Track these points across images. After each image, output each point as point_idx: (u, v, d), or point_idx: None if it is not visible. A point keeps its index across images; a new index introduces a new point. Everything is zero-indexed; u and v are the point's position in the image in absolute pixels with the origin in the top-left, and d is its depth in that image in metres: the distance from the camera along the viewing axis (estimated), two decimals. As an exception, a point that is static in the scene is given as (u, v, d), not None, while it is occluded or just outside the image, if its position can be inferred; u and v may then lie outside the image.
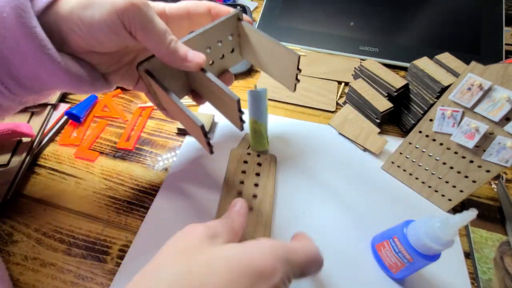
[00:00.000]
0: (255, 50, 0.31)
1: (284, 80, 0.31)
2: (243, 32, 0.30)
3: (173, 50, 0.24)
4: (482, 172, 0.32)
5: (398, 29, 0.58)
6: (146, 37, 0.24)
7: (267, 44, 0.28)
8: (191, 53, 0.25)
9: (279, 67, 0.30)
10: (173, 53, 0.25)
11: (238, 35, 0.31)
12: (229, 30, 0.29)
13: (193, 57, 0.25)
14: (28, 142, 0.39)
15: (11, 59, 0.23)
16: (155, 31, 0.24)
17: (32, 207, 0.36)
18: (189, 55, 0.25)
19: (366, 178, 0.40)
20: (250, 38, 0.30)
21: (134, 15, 0.23)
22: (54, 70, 0.24)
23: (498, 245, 0.34)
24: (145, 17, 0.23)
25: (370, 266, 0.32)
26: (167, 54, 0.25)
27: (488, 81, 0.28)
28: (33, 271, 0.31)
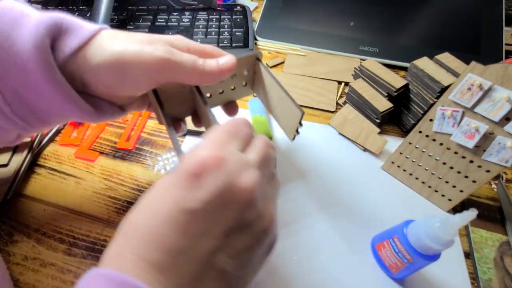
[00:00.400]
0: (266, 91, 0.32)
1: (285, 128, 0.33)
2: (258, 71, 0.31)
3: (205, 71, 0.25)
4: (482, 172, 0.32)
5: (398, 29, 0.58)
6: (181, 78, 0.25)
7: (277, 91, 0.30)
8: (221, 62, 0.26)
9: (283, 114, 0.31)
10: (209, 73, 0.25)
11: (253, 72, 0.32)
12: (246, 66, 0.31)
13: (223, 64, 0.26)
14: (28, 142, 0.39)
15: (35, 105, 0.23)
16: (187, 69, 0.24)
17: (32, 207, 0.36)
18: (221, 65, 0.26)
19: (366, 178, 0.40)
20: (264, 79, 0.31)
21: (166, 70, 0.24)
22: (78, 113, 0.24)
23: (498, 245, 0.34)
24: (176, 65, 0.24)
25: (370, 266, 0.32)
26: (204, 77, 0.25)
27: (488, 81, 0.28)
28: (33, 271, 0.31)
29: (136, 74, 0.23)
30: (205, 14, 0.60)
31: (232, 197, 0.18)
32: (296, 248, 0.33)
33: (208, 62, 0.25)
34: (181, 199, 0.17)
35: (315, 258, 0.33)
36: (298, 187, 0.39)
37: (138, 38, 0.24)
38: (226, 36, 0.56)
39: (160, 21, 0.58)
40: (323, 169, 0.41)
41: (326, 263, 0.33)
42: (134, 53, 0.23)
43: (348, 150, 0.43)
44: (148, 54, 0.23)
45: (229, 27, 0.58)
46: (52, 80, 0.21)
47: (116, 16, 0.58)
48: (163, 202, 0.17)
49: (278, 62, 0.56)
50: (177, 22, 0.58)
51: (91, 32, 0.23)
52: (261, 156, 0.21)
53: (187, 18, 0.59)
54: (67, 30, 0.23)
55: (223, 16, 0.60)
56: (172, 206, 0.17)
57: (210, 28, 0.57)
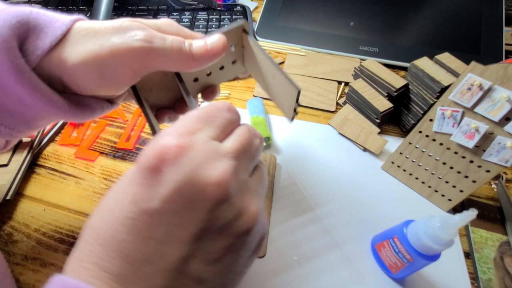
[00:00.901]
0: (259, 67, 0.29)
1: (283, 107, 0.30)
2: (247, 45, 0.29)
3: (192, 55, 0.23)
4: (482, 172, 0.32)
5: (398, 29, 0.58)
6: (166, 66, 0.23)
7: (270, 67, 0.27)
8: (210, 45, 0.23)
9: (279, 93, 0.29)
10: (197, 58, 0.23)
11: (242, 47, 0.29)
12: (232, 41, 0.28)
13: (212, 47, 0.23)
14: (28, 142, 0.39)
15: (15, 110, 0.22)
16: (171, 56, 0.22)
17: (32, 207, 0.36)
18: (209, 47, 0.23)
19: (366, 178, 0.40)
20: (255, 54, 0.28)
21: (147, 61, 0.22)
22: (63, 114, 0.23)
23: (498, 245, 0.34)
24: (157, 52, 0.21)
25: (370, 266, 0.32)
26: (192, 63, 0.23)
27: (488, 81, 0.28)
28: (33, 271, 0.31)
29: (116, 70, 0.21)
30: (205, 14, 0.60)
31: (198, 193, 0.15)
32: (296, 248, 0.33)
33: (195, 45, 0.23)
34: (140, 198, 0.15)
35: (315, 258, 0.33)
36: (298, 187, 0.39)
37: (116, 27, 0.21)
38: (226, 36, 0.56)
39: (160, 21, 0.58)
40: (323, 169, 0.41)
41: (326, 263, 0.33)
42: (110, 49, 0.20)
43: (348, 150, 0.43)
44: (126, 47, 0.20)
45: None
46: (26, 84, 0.20)
47: (116, 16, 0.58)
48: (121, 202, 0.15)
49: (278, 62, 0.56)
50: (177, 22, 0.58)
51: (62, 29, 0.21)
52: (239, 144, 0.18)
53: (187, 18, 0.59)
54: (35, 28, 0.20)
55: (223, 16, 0.60)
56: (131, 206, 0.15)
57: (210, 28, 0.57)
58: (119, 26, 0.21)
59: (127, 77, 0.22)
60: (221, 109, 0.19)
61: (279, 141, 0.44)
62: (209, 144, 0.16)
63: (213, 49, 0.23)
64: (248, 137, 0.18)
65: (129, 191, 0.15)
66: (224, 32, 0.26)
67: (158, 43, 0.21)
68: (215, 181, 0.15)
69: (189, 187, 0.15)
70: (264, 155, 0.40)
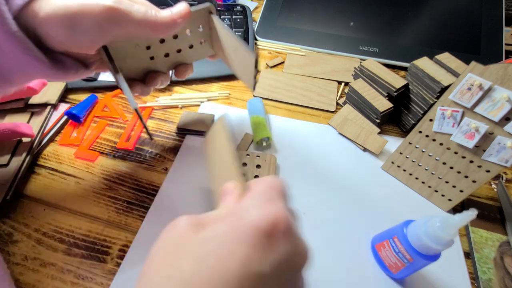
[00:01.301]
0: (223, 45, 0.31)
1: (245, 78, 0.32)
2: (213, 26, 0.30)
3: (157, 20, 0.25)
4: (482, 172, 0.32)
5: (398, 29, 0.58)
6: (133, 30, 0.24)
7: (231, 41, 0.29)
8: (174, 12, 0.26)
9: (241, 65, 0.31)
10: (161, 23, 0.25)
11: (209, 28, 0.31)
12: (200, 22, 0.30)
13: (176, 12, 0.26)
14: (28, 142, 0.39)
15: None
16: (137, 19, 0.24)
17: (32, 207, 0.36)
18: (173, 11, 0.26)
19: (366, 178, 0.40)
20: (219, 33, 0.30)
21: (114, 20, 0.23)
22: (39, 66, 0.24)
23: (498, 245, 0.34)
24: (124, 14, 0.24)
25: (370, 266, 0.32)
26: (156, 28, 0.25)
27: (488, 81, 0.28)
28: (33, 271, 0.31)
29: (85, 26, 0.23)
30: (205, 14, 0.60)
31: (297, 263, 0.17)
32: (296, 248, 0.33)
33: (161, 12, 0.25)
34: (253, 260, 0.15)
35: (315, 258, 0.33)
36: (298, 187, 0.39)
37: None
38: (226, 36, 0.56)
39: (160, 21, 0.58)
40: (323, 169, 0.41)
41: (326, 263, 0.33)
42: (79, 4, 0.22)
43: (348, 150, 0.43)
44: (95, 4, 0.22)
45: (229, 27, 0.58)
46: (6, 30, 0.21)
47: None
48: (226, 261, 0.15)
49: (278, 62, 0.56)
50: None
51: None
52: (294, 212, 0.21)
53: (187, 18, 0.59)
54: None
55: (223, 16, 0.60)
56: (241, 267, 0.15)
57: (210, 28, 0.57)
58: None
59: (95, 32, 0.24)
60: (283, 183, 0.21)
61: (279, 141, 0.44)
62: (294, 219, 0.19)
63: (177, 13, 0.25)
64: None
65: (239, 251, 0.15)
66: (192, 12, 0.27)
67: (125, 5, 0.23)
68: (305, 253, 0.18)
69: (294, 258, 0.17)
70: (264, 155, 0.40)
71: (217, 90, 0.50)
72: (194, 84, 0.51)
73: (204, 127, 0.43)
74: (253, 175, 0.38)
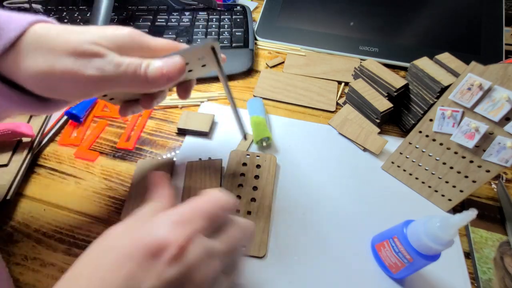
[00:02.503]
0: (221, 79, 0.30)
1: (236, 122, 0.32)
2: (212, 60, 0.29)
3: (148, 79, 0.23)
4: (482, 172, 0.32)
5: (398, 29, 0.58)
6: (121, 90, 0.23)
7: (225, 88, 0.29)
8: (166, 69, 0.23)
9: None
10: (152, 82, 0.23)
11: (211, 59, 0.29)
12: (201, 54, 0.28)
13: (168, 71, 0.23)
14: (28, 142, 0.39)
15: None
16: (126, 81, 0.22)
17: (32, 207, 0.36)
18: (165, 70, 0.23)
19: (366, 178, 0.40)
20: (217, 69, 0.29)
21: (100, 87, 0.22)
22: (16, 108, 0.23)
23: (498, 245, 0.34)
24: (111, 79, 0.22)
25: (370, 266, 0.32)
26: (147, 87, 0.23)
27: (488, 81, 0.28)
28: (33, 271, 0.31)
29: (66, 90, 0.22)
30: (205, 14, 0.60)
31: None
32: (296, 248, 0.33)
33: (152, 67, 0.23)
34: (135, 276, 0.16)
35: (315, 258, 0.33)
36: (298, 187, 0.39)
37: (70, 50, 0.21)
38: (226, 36, 0.56)
39: (160, 21, 0.58)
40: (322, 169, 0.41)
41: (326, 263, 0.33)
42: (61, 71, 0.21)
43: (348, 150, 0.43)
44: (76, 73, 0.21)
45: (229, 27, 0.58)
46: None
47: (116, 16, 0.58)
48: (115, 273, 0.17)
49: (278, 62, 0.56)
50: (177, 22, 0.58)
51: (17, 31, 0.21)
52: (229, 246, 0.20)
53: (187, 18, 0.59)
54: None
55: (223, 16, 0.60)
56: (123, 282, 0.16)
57: (210, 28, 0.57)
58: (74, 50, 0.21)
59: (78, 96, 0.23)
60: (221, 208, 0.21)
61: (279, 141, 0.44)
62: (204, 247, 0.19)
63: (169, 73, 0.23)
64: (239, 238, 0.21)
65: (126, 266, 0.17)
66: (192, 49, 0.26)
67: (111, 71, 0.21)
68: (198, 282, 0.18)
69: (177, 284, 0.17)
70: (264, 155, 0.40)
71: (217, 90, 0.50)
72: (194, 84, 0.51)
73: (204, 127, 0.43)
74: (253, 175, 0.38)
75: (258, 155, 0.40)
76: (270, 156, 0.40)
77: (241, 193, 0.37)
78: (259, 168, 0.39)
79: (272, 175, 0.38)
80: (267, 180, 0.38)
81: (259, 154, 0.40)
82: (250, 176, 0.38)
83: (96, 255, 0.19)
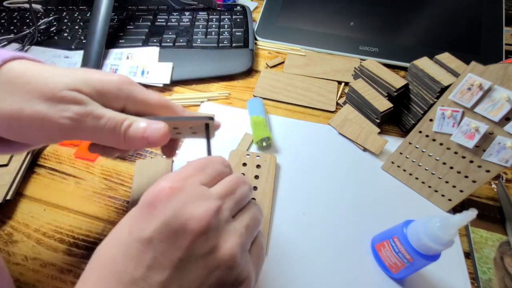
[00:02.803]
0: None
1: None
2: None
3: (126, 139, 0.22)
4: (482, 172, 0.32)
5: (398, 29, 0.58)
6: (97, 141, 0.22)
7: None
8: (148, 133, 0.22)
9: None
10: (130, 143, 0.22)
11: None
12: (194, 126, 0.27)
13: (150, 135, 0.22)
14: (28, 142, 0.39)
15: None
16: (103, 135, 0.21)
17: (32, 207, 0.36)
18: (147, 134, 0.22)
19: (366, 178, 0.40)
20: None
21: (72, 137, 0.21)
22: None
23: (498, 245, 0.34)
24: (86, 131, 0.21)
25: (370, 266, 0.32)
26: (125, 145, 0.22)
27: (488, 81, 0.28)
28: (33, 271, 0.31)
29: (33, 135, 0.21)
30: (205, 14, 0.60)
31: (181, 226, 0.17)
32: (296, 248, 0.33)
33: (134, 127, 0.22)
34: (135, 228, 0.17)
35: (315, 258, 0.33)
36: (298, 187, 0.39)
37: (49, 95, 0.19)
38: (226, 36, 0.56)
39: (160, 21, 0.58)
40: (322, 169, 0.41)
41: (326, 263, 0.33)
42: (30, 116, 0.19)
43: (348, 150, 0.43)
44: (50, 121, 0.19)
45: (229, 27, 0.58)
46: None
47: (116, 16, 0.58)
48: (121, 231, 0.18)
49: (278, 62, 0.56)
50: (177, 22, 0.58)
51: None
52: (225, 188, 0.20)
53: (187, 18, 0.59)
54: None
55: (223, 16, 0.60)
56: (127, 235, 0.17)
57: (210, 28, 0.57)
58: (51, 94, 0.19)
59: (44, 141, 0.22)
60: (215, 162, 0.21)
61: (279, 141, 0.44)
62: (198, 188, 0.19)
63: (150, 138, 0.22)
64: (235, 183, 0.21)
65: (128, 223, 0.18)
66: (186, 120, 0.25)
67: (89, 123, 0.20)
68: (197, 216, 0.17)
69: (175, 220, 0.17)
70: (264, 155, 0.40)
71: (217, 90, 0.50)
72: (194, 84, 0.51)
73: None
74: (253, 175, 0.38)
75: (258, 155, 0.40)
76: (270, 156, 0.40)
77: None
78: (259, 168, 0.39)
79: (272, 175, 0.38)
80: (267, 180, 0.38)
81: (259, 154, 0.40)
82: (250, 176, 0.38)
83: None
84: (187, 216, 0.17)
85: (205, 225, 0.17)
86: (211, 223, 0.18)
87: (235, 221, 0.20)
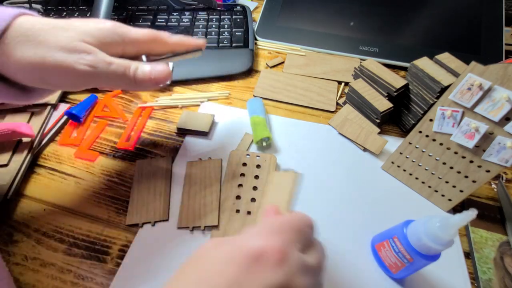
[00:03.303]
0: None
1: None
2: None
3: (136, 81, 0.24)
4: (482, 172, 0.32)
5: (398, 29, 0.58)
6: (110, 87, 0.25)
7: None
8: (154, 74, 0.25)
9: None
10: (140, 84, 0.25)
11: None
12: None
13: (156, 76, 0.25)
14: (28, 142, 0.39)
15: None
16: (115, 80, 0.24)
17: (32, 207, 0.36)
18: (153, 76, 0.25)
19: (366, 178, 0.40)
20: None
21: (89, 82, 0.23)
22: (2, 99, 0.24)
23: (498, 245, 0.34)
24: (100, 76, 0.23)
25: (370, 266, 0.32)
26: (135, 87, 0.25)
27: (488, 81, 0.28)
28: (33, 271, 0.31)
29: (56, 82, 0.23)
30: (205, 14, 0.60)
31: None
32: (296, 248, 0.33)
33: (140, 70, 0.24)
34: (238, 280, 0.16)
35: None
36: (298, 187, 0.39)
37: (62, 45, 0.21)
38: (226, 36, 0.56)
39: (160, 21, 0.58)
40: (323, 169, 0.41)
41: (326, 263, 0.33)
42: (53, 65, 0.21)
43: (348, 150, 0.43)
44: (68, 67, 0.22)
45: (229, 27, 0.58)
46: None
47: (116, 16, 0.58)
48: (215, 278, 0.16)
49: (278, 62, 0.56)
50: (177, 22, 0.58)
51: (2, 26, 0.21)
52: (318, 263, 0.20)
53: (187, 18, 0.59)
54: None
55: (223, 16, 0.60)
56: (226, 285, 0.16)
57: (210, 28, 0.57)
58: (65, 45, 0.22)
59: (67, 87, 0.24)
60: (308, 225, 0.22)
61: (279, 141, 0.44)
62: (301, 257, 0.19)
63: (156, 79, 0.25)
64: (324, 257, 0.22)
65: (227, 270, 0.17)
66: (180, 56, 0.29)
67: (103, 69, 0.23)
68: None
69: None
70: (264, 155, 0.40)
71: (217, 90, 0.50)
72: (194, 84, 0.51)
73: (204, 127, 0.43)
74: (253, 175, 0.38)
75: (258, 155, 0.40)
76: (270, 156, 0.40)
77: (241, 193, 0.37)
78: (259, 168, 0.39)
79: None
80: (267, 180, 0.38)
81: (259, 154, 0.40)
82: (250, 176, 0.38)
83: (195, 264, 0.18)
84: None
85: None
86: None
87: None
